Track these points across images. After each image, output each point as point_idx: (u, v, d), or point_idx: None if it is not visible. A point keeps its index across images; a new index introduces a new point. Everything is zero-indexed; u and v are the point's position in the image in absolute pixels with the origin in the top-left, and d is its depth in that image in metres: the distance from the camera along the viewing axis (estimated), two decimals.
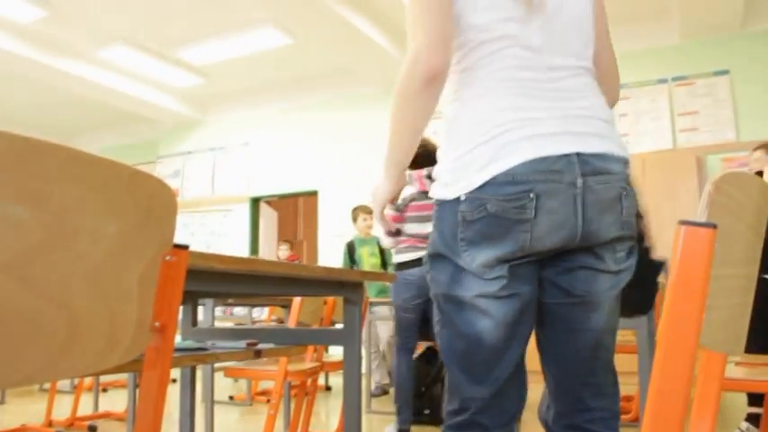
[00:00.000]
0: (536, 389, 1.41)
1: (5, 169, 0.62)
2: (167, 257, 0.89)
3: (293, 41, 7.04)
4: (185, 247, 0.91)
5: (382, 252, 5.96)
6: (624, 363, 5.65)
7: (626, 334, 4.30)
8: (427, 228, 3.54)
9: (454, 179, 1.26)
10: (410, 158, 1.38)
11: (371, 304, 4.89)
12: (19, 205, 0.63)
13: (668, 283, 0.77)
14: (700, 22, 6.28)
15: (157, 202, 0.85)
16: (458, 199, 1.24)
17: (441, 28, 1.25)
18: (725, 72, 6.46)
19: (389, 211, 3.88)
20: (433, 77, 1.25)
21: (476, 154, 1.23)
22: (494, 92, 1.25)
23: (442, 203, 1.29)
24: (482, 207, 1.21)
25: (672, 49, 6.71)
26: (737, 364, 2.53)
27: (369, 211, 5.96)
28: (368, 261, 5.88)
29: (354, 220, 6.05)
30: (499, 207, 1.19)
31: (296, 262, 7.56)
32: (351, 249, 5.96)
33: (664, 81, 6.71)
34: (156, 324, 0.89)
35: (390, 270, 5.50)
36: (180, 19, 6.74)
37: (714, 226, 0.76)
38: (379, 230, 5.43)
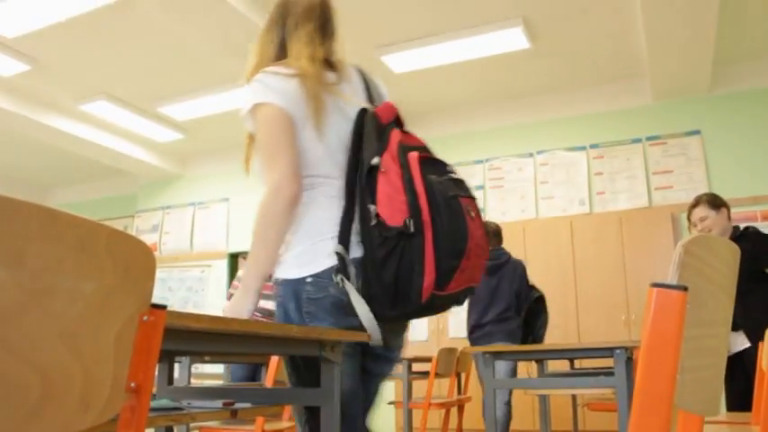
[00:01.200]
0: None
1: None
2: (145, 317, 0.88)
3: None
4: (163, 307, 0.91)
5: None
6: (604, 421, 5.60)
7: (606, 393, 4.29)
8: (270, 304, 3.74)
9: (301, 263, 1.63)
10: (270, 270, 1.66)
11: None
12: None
13: (641, 344, 0.78)
14: (671, 84, 6.48)
15: (136, 261, 0.85)
16: (303, 279, 1.62)
17: (295, 162, 1.62)
18: (696, 132, 6.63)
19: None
20: (293, 202, 1.60)
21: (320, 246, 1.62)
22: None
23: (286, 282, 1.66)
24: (325, 288, 1.59)
25: (645, 109, 6.89)
26: (714, 422, 2.53)
27: None
28: None
29: None
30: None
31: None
32: None
33: (638, 141, 6.86)
34: (132, 384, 0.88)
35: None
36: (162, 75, 6.82)
37: (685, 288, 0.78)
38: None
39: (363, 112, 1.73)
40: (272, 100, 1.64)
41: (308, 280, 1.61)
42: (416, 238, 1.48)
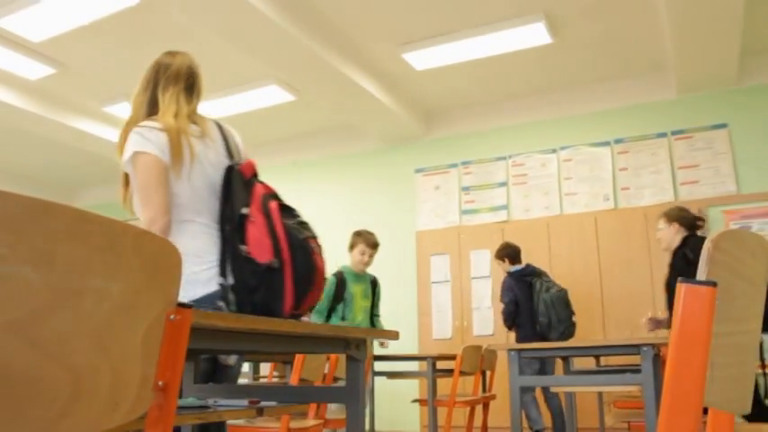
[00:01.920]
0: None
1: (15, 230, 0.63)
2: (171, 317, 0.89)
3: (296, 98, 7.16)
4: (189, 307, 0.91)
5: (374, 294, 5.05)
6: (632, 418, 5.50)
7: (632, 390, 4.25)
8: None
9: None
10: None
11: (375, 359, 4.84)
12: (26, 265, 0.64)
13: (670, 341, 0.77)
14: (697, 77, 6.39)
15: (162, 261, 0.86)
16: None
17: (166, 201, 1.98)
18: (723, 126, 6.53)
19: None
20: (164, 234, 1.92)
21: (198, 275, 1.98)
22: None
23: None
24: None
25: (670, 103, 6.81)
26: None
27: (372, 244, 4.98)
28: (360, 304, 4.88)
29: (351, 247, 5.02)
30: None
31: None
32: (340, 283, 4.84)
33: (663, 135, 6.78)
34: (160, 383, 0.89)
35: (377, 319, 5.15)
36: None
37: (714, 284, 0.77)
38: (376, 268, 5.25)
39: (230, 168, 2.11)
40: (148, 149, 2.00)
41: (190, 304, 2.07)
42: (279, 272, 1.88)
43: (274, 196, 2.13)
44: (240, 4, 5.07)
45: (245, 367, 6.36)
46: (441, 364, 4.75)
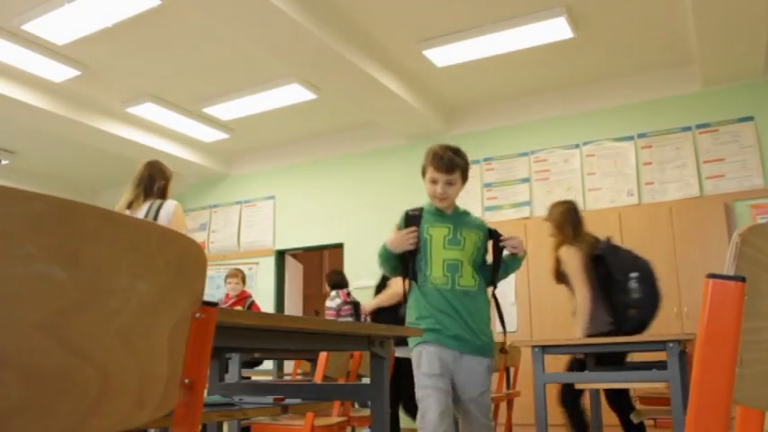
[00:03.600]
0: None
1: (42, 230, 0.64)
2: (197, 315, 0.90)
3: (317, 96, 7.18)
4: (214, 305, 0.92)
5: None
6: (658, 415, 5.43)
7: (658, 387, 4.20)
8: None
9: None
10: None
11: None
12: (55, 265, 0.65)
13: (698, 337, 0.76)
14: (722, 69, 6.30)
15: (187, 260, 0.87)
16: None
17: None
18: (750, 119, 6.44)
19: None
20: None
21: None
22: None
23: None
24: None
25: (694, 96, 6.72)
26: None
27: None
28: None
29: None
30: None
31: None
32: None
33: (688, 129, 6.70)
34: (186, 381, 0.89)
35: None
36: (207, 76, 6.92)
37: (743, 279, 0.76)
38: None
39: None
40: None
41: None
42: None
43: None
44: (261, 4, 5.09)
45: (269, 365, 6.39)
46: None
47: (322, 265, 12.07)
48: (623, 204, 6.81)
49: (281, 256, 9.10)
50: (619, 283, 4.13)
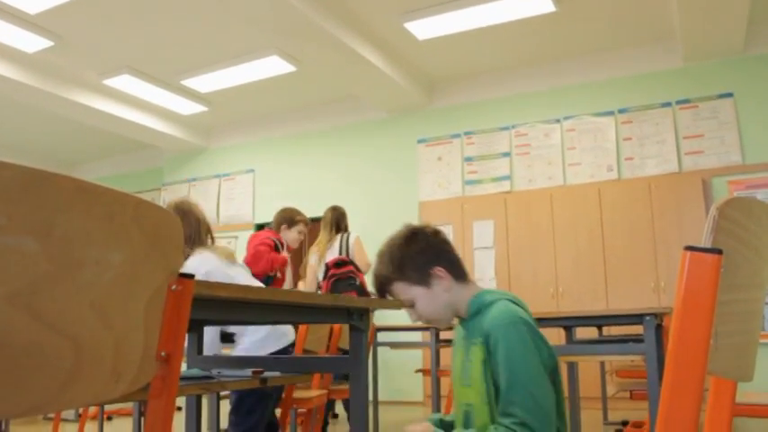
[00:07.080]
0: None
1: (13, 200, 0.62)
2: (173, 287, 0.89)
3: (297, 69, 7.10)
4: (191, 277, 0.91)
5: None
6: (634, 387, 5.54)
7: (635, 360, 4.27)
8: None
9: None
10: None
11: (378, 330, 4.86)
12: (26, 236, 0.64)
13: (674, 309, 0.76)
14: (703, 45, 6.32)
15: (163, 231, 0.86)
16: None
17: None
18: (729, 95, 6.48)
19: None
20: None
21: None
22: None
23: None
24: None
25: (675, 72, 6.74)
26: None
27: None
28: None
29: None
30: None
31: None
32: None
33: (668, 104, 6.73)
34: (162, 353, 0.89)
35: None
36: (185, 48, 6.82)
37: (719, 251, 0.76)
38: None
39: None
40: None
41: None
42: None
43: None
44: None
45: None
46: (444, 335, 4.77)
47: None
48: (603, 179, 6.85)
49: (260, 229, 9.05)
50: None
